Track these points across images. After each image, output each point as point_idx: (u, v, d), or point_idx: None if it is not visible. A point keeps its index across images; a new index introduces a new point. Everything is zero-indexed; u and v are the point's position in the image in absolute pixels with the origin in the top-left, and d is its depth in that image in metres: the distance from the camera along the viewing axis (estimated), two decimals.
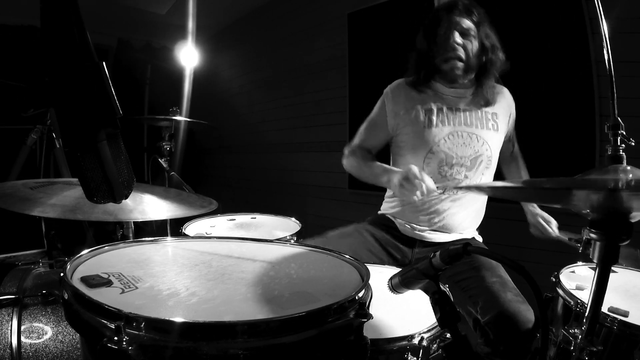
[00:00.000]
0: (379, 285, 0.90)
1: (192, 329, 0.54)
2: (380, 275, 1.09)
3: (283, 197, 3.91)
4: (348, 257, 0.90)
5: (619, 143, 0.77)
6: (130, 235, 1.34)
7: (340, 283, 0.76)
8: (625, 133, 0.78)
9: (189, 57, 3.32)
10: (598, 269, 0.65)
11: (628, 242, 0.63)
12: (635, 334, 0.86)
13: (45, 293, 0.95)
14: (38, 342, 0.89)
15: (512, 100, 1.54)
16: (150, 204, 1.09)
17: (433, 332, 0.83)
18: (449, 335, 0.67)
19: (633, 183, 0.66)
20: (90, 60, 0.63)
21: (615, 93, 0.79)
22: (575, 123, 2.01)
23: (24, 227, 2.41)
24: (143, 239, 0.97)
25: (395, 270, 0.78)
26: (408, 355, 0.80)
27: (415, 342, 0.80)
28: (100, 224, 2.65)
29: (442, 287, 0.70)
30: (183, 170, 3.90)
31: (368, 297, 0.68)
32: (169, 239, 1.00)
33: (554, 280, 1.08)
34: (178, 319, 0.54)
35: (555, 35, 2.05)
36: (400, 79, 1.53)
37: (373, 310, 0.67)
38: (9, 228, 2.44)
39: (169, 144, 2.33)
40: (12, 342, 0.86)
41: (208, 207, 1.16)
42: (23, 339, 0.87)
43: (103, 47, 4.60)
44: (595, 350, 0.69)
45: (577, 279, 1.10)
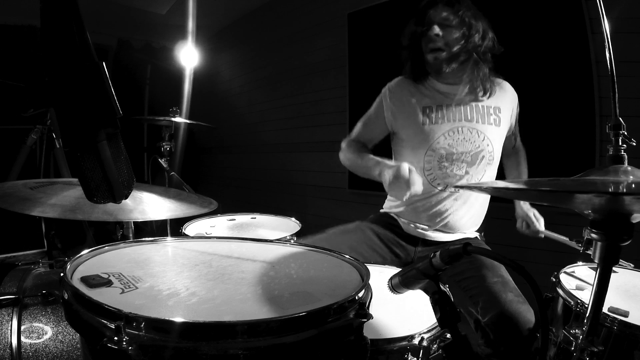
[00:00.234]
0: (379, 285, 0.90)
1: (192, 329, 0.54)
2: (380, 275, 1.10)
3: (283, 197, 3.91)
4: (348, 257, 0.90)
5: (620, 143, 0.77)
6: (130, 235, 1.34)
7: (340, 283, 0.76)
8: (626, 133, 0.78)
9: (189, 57, 3.32)
10: (599, 269, 0.65)
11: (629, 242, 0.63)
12: (636, 334, 0.86)
13: (45, 293, 0.95)
14: (38, 342, 0.89)
15: (514, 94, 1.52)
16: (150, 204, 1.09)
17: (433, 332, 0.83)
18: (449, 336, 0.67)
19: (634, 186, 0.65)
20: (90, 60, 0.63)
21: (617, 92, 0.78)
22: (575, 123, 2.01)
23: (24, 227, 2.42)
24: (143, 239, 0.97)
25: (396, 270, 0.78)
26: (408, 356, 0.80)
27: (416, 342, 0.80)
28: (100, 224, 2.65)
29: (442, 287, 0.70)
30: (183, 170, 3.90)
31: (368, 297, 0.68)
32: (169, 239, 1.00)
33: (554, 280, 1.07)
34: (178, 319, 0.54)
35: (555, 35, 2.05)
36: (400, 77, 1.54)
37: (373, 310, 0.66)
38: (9, 228, 2.45)
39: (169, 144, 2.34)
40: (12, 342, 0.86)
41: (208, 207, 1.16)
42: (23, 339, 0.87)
43: (103, 47, 4.60)
44: (596, 351, 0.69)
45: (577, 279, 1.10)
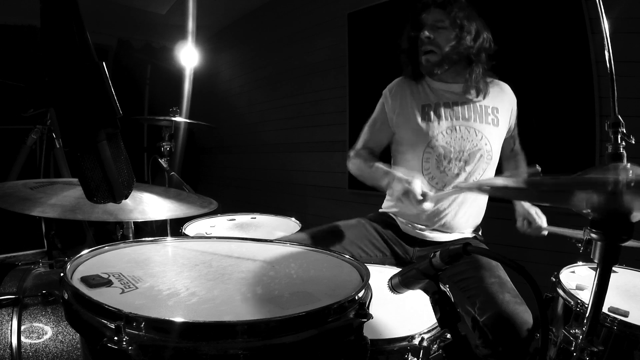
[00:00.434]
0: (379, 285, 0.90)
1: (192, 329, 0.54)
2: (380, 275, 1.09)
3: (283, 197, 3.91)
4: (348, 257, 0.90)
5: (620, 141, 0.77)
6: (130, 235, 1.34)
7: (340, 283, 0.76)
8: (625, 132, 0.78)
9: (189, 57, 3.32)
10: (599, 269, 0.65)
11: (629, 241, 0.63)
12: (636, 334, 0.86)
13: (45, 293, 0.95)
14: (38, 342, 0.89)
15: (513, 96, 1.53)
16: (150, 204, 1.09)
17: (433, 332, 0.83)
18: (449, 336, 0.67)
19: (633, 184, 0.65)
20: (90, 60, 0.63)
21: (616, 91, 0.78)
22: (575, 123, 2.01)
23: (24, 227, 2.42)
24: (143, 239, 0.97)
25: (396, 270, 0.78)
26: (408, 356, 0.80)
27: (416, 342, 0.80)
28: (100, 224, 2.65)
29: (442, 287, 0.70)
30: (183, 170, 3.89)
31: (368, 297, 0.68)
32: (169, 239, 1.00)
33: (554, 280, 1.07)
34: (178, 319, 0.54)
35: (555, 35, 2.05)
36: (399, 78, 1.56)
37: (373, 310, 0.66)
38: (9, 228, 2.44)
39: (169, 144, 2.34)
40: (12, 342, 0.86)
41: (208, 207, 1.16)
42: (23, 339, 0.87)
43: (103, 47, 4.60)
44: (596, 351, 0.69)
45: (577, 279, 1.10)
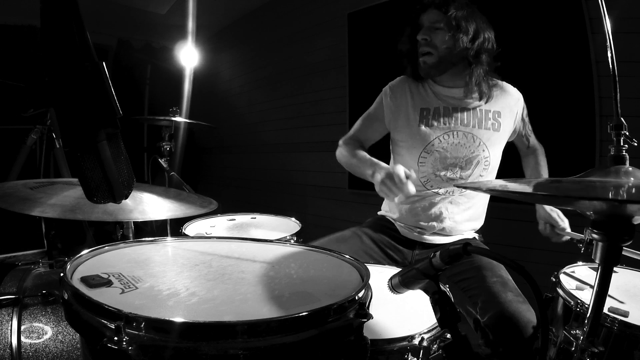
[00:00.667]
0: (379, 285, 0.90)
1: (192, 329, 0.54)
2: (380, 275, 1.09)
3: (283, 197, 3.91)
4: (348, 257, 0.90)
5: (622, 143, 0.76)
6: (130, 235, 1.34)
7: (340, 283, 0.76)
8: (628, 133, 0.78)
9: (189, 57, 3.32)
10: (600, 270, 0.65)
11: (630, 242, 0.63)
12: (636, 334, 0.86)
13: (45, 293, 0.95)
14: (38, 342, 0.88)
15: (518, 97, 1.48)
16: (150, 204, 1.09)
17: (433, 332, 0.83)
18: (449, 336, 0.67)
19: (634, 190, 0.65)
20: (90, 60, 0.63)
21: (619, 93, 0.78)
22: (575, 123, 2.01)
23: (24, 227, 2.41)
24: (143, 239, 0.97)
25: (396, 271, 0.78)
26: (408, 356, 0.80)
27: (416, 342, 0.80)
28: (100, 224, 2.65)
29: (442, 287, 0.70)
30: (183, 170, 3.90)
31: (368, 297, 0.68)
32: (169, 239, 1.00)
33: (554, 280, 1.07)
34: (178, 319, 0.54)
35: (555, 35, 2.05)
36: (402, 76, 1.54)
37: (373, 310, 0.66)
38: (9, 228, 2.44)
39: (169, 144, 2.34)
40: (12, 342, 0.86)
41: (208, 207, 1.16)
42: (23, 339, 0.87)
43: (103, 47, 4.60)
44: (597, 351, 0.69)
45: (577, 279, 1.10)
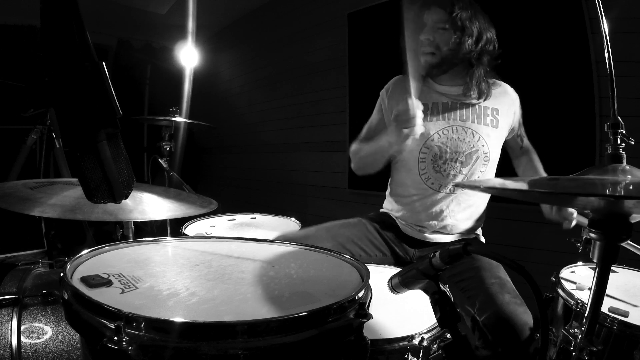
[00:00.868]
0: (379, 285, 0.90)
1: (192, 329, 0.54)
2: (380, 275, 1.09)
3: (283, 197, 3.91)
4: (348, 257, 0.90)
5: (619, 142, 0.77)
6: (130, 235, 1.34)
7: (340, 283, 0.76)
8: (625, 132, 0.78)
9: (189, 57, 3.31)
10: (598, 269, 0.65)
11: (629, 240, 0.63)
12: (635, 334, 0.86)
13: (45, 293, 0.95)
14: (38, 342, 0.89)
15: (515, 97, 1.51)
16: (150, 204, 1.09)
17: (433, 332, 0.83)
18: (449, 336, 0.67)
19: (632, 187, 0.65)
20: (90, 60, 0.63)
21: (616, 92, 0.78)
22: (575, 123, 2.01)
23: (24, 227, 2.42)
24: (143, 239, 0.97)
25: (396, 270, 0.78)
26: (408, 356, 0.80)
27: (416, 342, 0.80)
28: (100, 224, 2.65)
29: (442, 287, 0.70)
30: (183, 170, 3.89)
31: (368, 297, 0.68)
32: (169, 239, 1.00)
33: (554, 280, 1.08)
34: (178, 319, 0.54)
35: (555, 35, 2.05)
36: (397, 76, 1.55)
37: (373, 310, 0.66)
38: (9, 228, 2.44)
39: (169, 144, 2.34)
40: (12, 342, 0.86)
41: (208, 207, 1.16)
42: (23, 339, 0.87)
43: (103, 47, 4.60)
44: (595, 350, 0.69)
45: (577, 279, 1.10)
